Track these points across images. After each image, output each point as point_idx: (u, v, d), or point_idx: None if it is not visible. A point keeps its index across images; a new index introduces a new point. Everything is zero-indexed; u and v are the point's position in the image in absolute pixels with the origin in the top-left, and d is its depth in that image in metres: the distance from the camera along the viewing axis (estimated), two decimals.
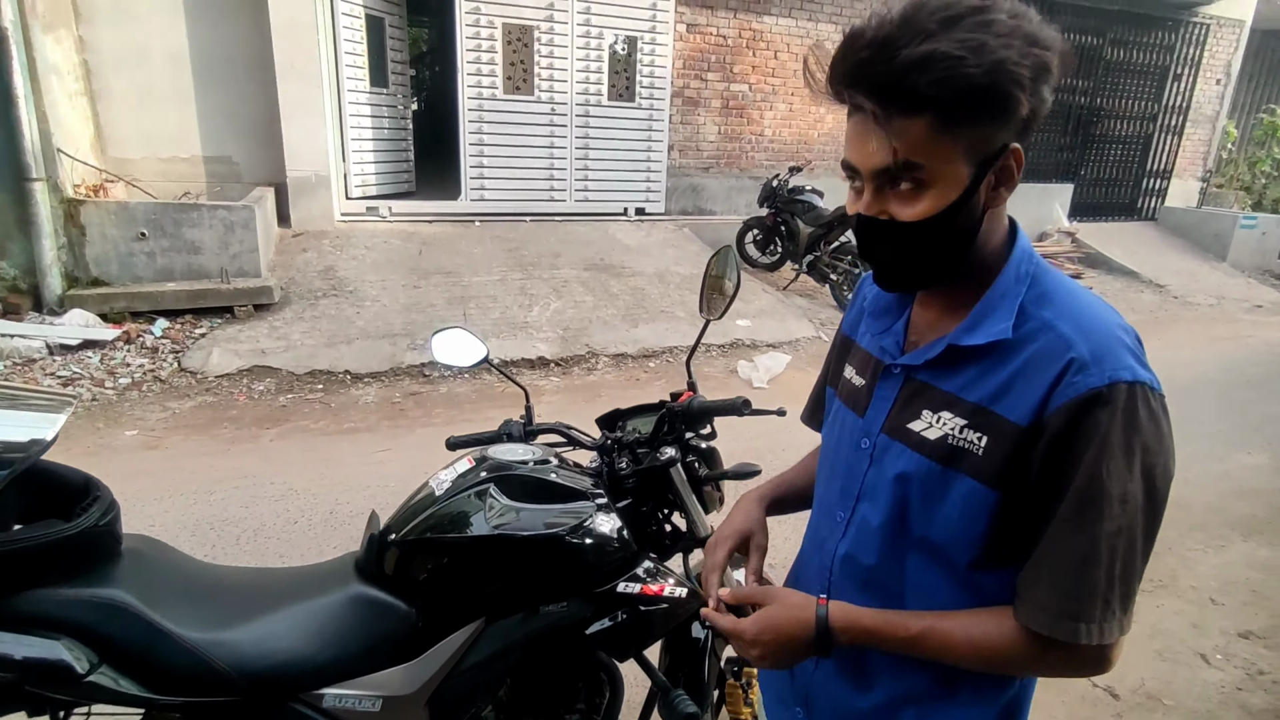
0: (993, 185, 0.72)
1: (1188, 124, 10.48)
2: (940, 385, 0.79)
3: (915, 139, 0.67)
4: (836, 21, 7.76)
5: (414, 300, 5.29)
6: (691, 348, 1.50)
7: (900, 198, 0.72)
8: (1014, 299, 0.76)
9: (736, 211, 7.85)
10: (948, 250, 0.75)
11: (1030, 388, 0.72)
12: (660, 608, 1.34)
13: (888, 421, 0.84)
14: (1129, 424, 0.68)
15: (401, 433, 3.83)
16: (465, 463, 1.34)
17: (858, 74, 0.67)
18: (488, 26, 6.40)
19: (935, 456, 0.77)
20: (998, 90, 0.65)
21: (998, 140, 0.69)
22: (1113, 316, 0.75)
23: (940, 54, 0.63)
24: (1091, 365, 0.69)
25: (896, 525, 0.82)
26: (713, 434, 1.44)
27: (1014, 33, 0.64)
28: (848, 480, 0.88)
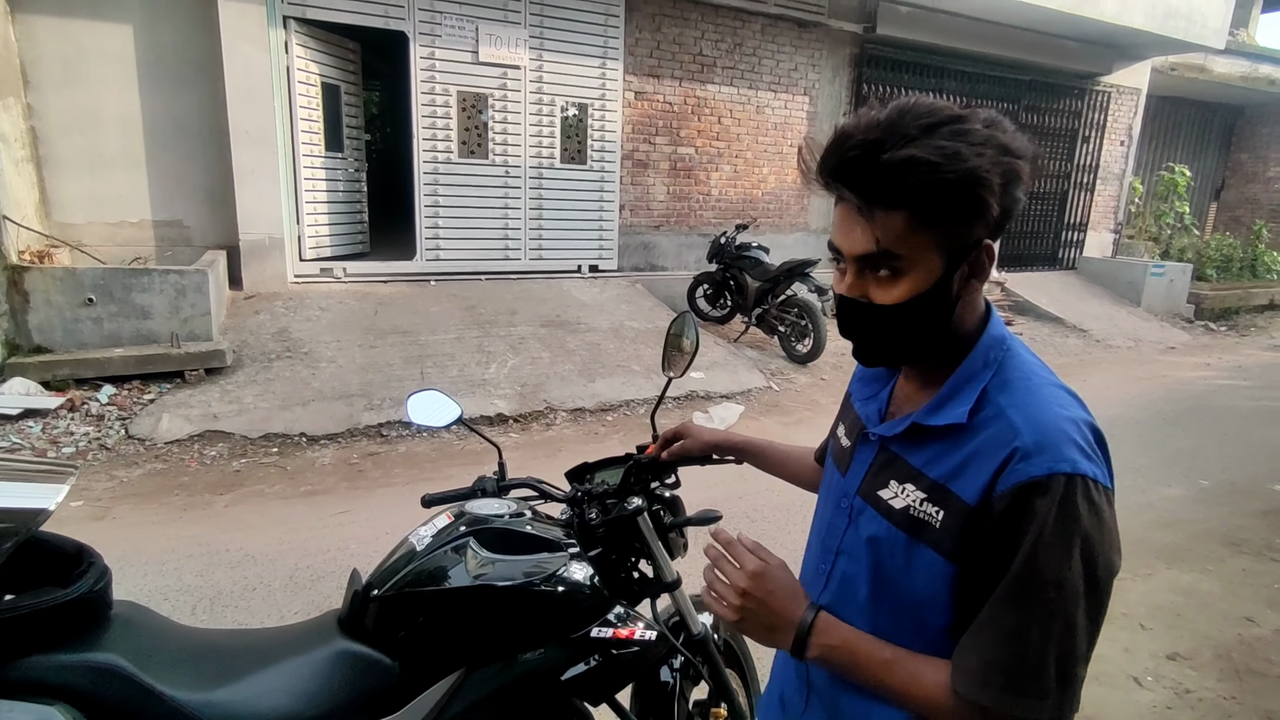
0: (965, 276, 0.79)
1: (1098, 181, 11.37)
2: (908, 458, 0.84)
3: (894, 231, 0.74)
4: (774, 90, 8.26)
5: (370, 360, 5.30)
6: (655, 403, 1.62)
7: (878, 283, 0.79)
8: (978, 384, 0.81)
9: (687, 267, 8.13)
10: (920, 333, 0.81)
11: (980, 471, 0.76)
12: (632, 650, 1.42)
13: (863, 485, 0.89)
14: (1067, 514, 0.71)
15: (361, 494, 3.81)
16: (444, 518, 1.42)
17: (846, 170, 0.75)
18: (442, 94, 6.62)
19: (901, 526, 0.82)
20: (969, 194, 0.72)
21: (971, 236, 0.76)
22: (1066, 410, 0.77)
23: (919, 160, 0.70)
24: (1034, 455, 0.73)
25: (873, 584, 0.86)
26: (677, 483, 1.55)
27: (988, 142, 0.72)
28: (828, 536, 0.94)
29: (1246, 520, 3.98)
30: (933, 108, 0.75)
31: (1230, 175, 16.31)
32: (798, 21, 8.17)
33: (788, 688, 1.03)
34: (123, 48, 5.73)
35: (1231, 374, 7.69)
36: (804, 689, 0.98)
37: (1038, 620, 0.72)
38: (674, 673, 1.66)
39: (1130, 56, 10.55)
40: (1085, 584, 0.72)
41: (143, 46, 5.78)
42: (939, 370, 0.85)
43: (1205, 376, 7.50)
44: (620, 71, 7.34)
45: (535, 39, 6.88)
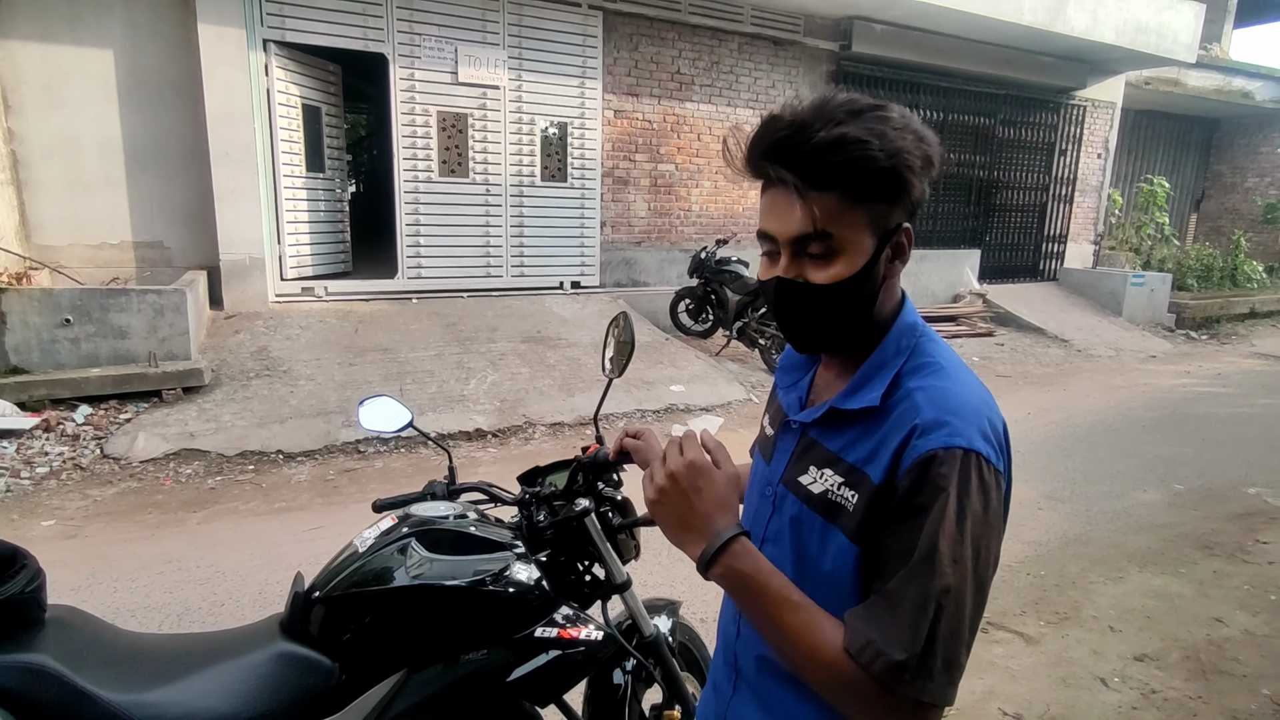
0: (889, 258, 0.82)
1: (1076, 193, 11.52)
2: (826, 444, 0.86)
3: (828, 210, 0.76)
4: (753, 106, 8.37)
5: (349, 378, 5.30)
6: (598, 404, 1.64)
7: (814, 263, 0.80)
8: (890, 370, 0.83)
9: (668, 282, 8.18)
10: (852, 314, 0.83)
11: (887, 450, 0.78)
12: (579, 651, 1.43)
13: (786, 473, 0.90)
14: (961, 489, 0.73)
15: (335, 509, 3.80)
16: (389, 521, 1.43)
17: (778, 151, 0.76)
18: (423, 115, 6.69)
19: (819, 509, 0.83)
20: (896, 173, 0.75)
21: (894, 218, 0.79)
22: (971, 394, 0.79)
23: (850, 137, 0.73)
24: (931, 430, 0.75)
25: (796, 570, 0.85)
26: (619, 483, 1.56)
27: (906, 128, 0.76)
28: (754, 525, 0.93)
29: (1220, 524, 4.01)
30: (853, 97, 0.78)
31: (1210, 186, 16.57)
32: (774, 40, 8.30)
33: (718, 674, 1.03)
34: (103, 71, 5.78)
35: (1211, 381, 7.77)
36: (732, 675, 0.98)
37: (935, 595, 0.72)
38: (626, 675, 1.66)
39: (1104, 71, 10.75)
40: (971, 563, 0.73)
41: (123, 70, 5.83)
42: (856, 357, 0.87)
43: (1185, 384, 7.57)
44: (599, 90, 7.43)
45: (514, 59, 6.97)
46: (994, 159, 10.57)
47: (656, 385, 5.91)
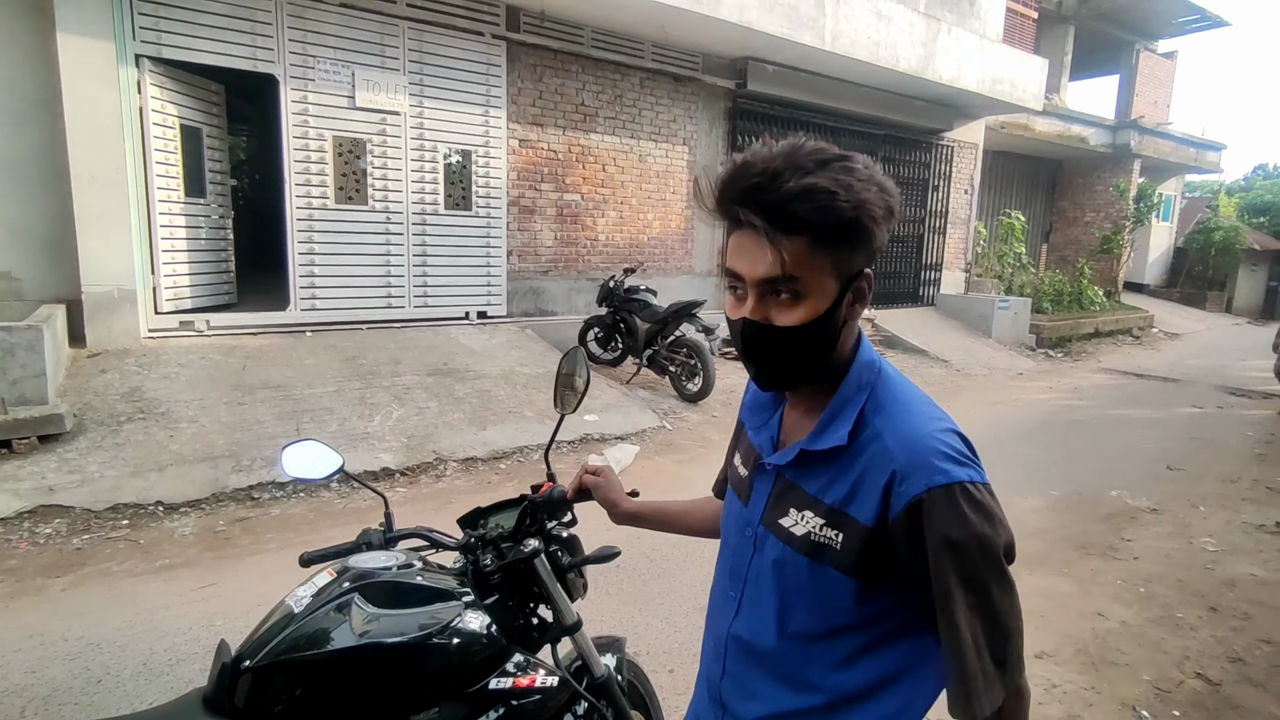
0: (851, 302, 0.85)
1: (948, 225, 12.53)
2: (803, 486, 0.89)
3: (795, 255, 0.79)
4: (655, 140, 8.59)
5: (238, 418, 4.91)
6: (549, 442, 1.59)
7: (779, 306, 0.83)
8: (854, 407, 0.87)
9: (576, 311, 8.17)
10: (814, 354, 0.86)
11: (869, 495, 0.83)
12: (533, 700, 1.36)
13: (765, 515, 0.93)
14: (953, 520, 0.78)
15: (228, 564, 3.48)
16: (325, 576, 1.32)
17: (749, 196, 0.80)
18: (317, 139, 6.40)
19: (803, 551, 0.87)
20: (860, 223, 0.79)
21: (855, 264, 0.83)
22: (931, 425, 0.84)
23: (819, 187, 0.77)
24: (910, 476, 0.80)
25: (780, 603, 0.91)
26: (573, 520, 1.52)
27: (870, 180, 0.80)
28: (735, 564, 0.98)
29: (1092, 525, 4.40)
30: (821, 147, 0.82)
31: (1056, 219, 18.50)
32: (674, 76, 8.58)
33: (702, 711, 1.06)
34: None
35: (1070, 395, 8.58)
36: (718, 711, 1.00)
37: (965, 624, 0.79)
38: None
39: (967, 115, 11.83)
40: (992, 573, 0.80)
41: None
42: (821, 395, 0.91)
43: (1049, 399, 8.32)
44: (504, 119, 7.39)
45: (415, 85, 6.82)
46: None
47: (575, 414, 5.83)
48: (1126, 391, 8.96)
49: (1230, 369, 10.52)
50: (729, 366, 8.17)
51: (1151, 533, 4.30)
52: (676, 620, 3.04)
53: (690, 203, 9.10)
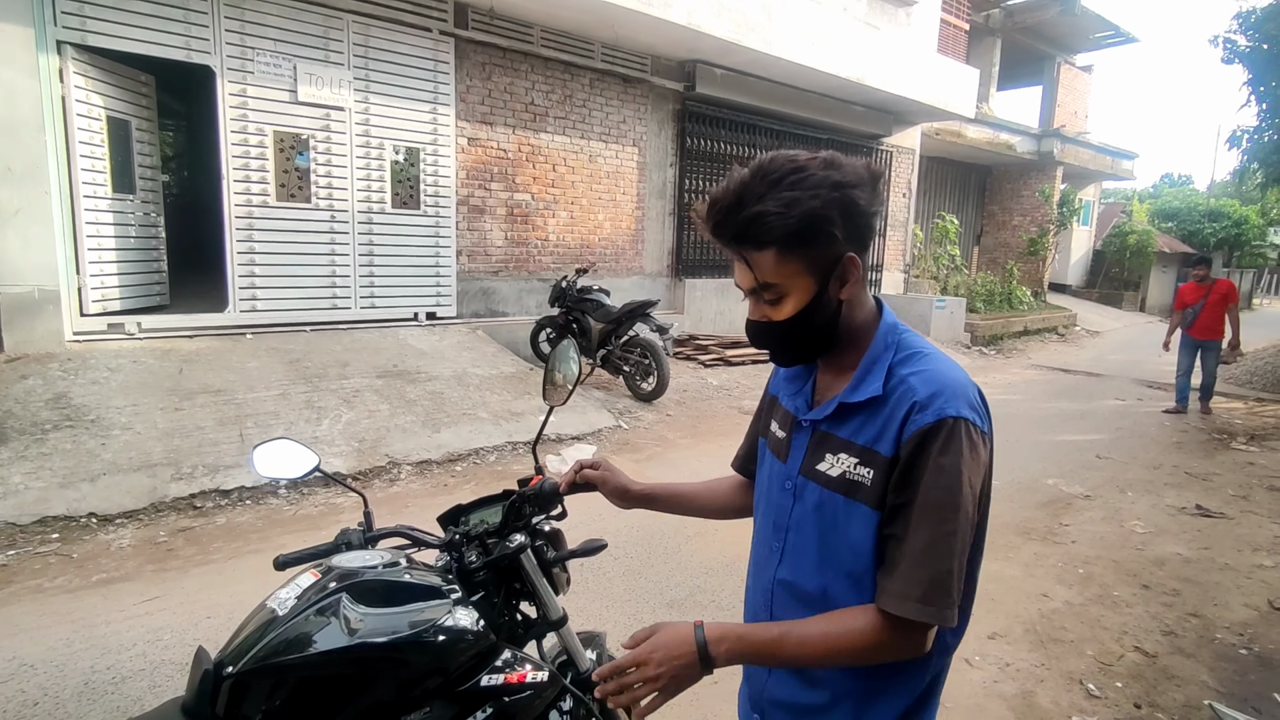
0: (839, 286, 0.97)
1: (888, 228, 12.94)
2: (838, 434, 1.01)
3: (767, 266, 0.94)
4: (605, 140, 8.59)
5: (176, 424, 4.69)
6: (536, 434, 1.58)
7: (770, 306, 0.99)
8: (884, 364, 0.99)
9: (528, 312, 8.10)
10: (815, 334, 1.00)
11: (893, 430, 0.94)
12: (524, 695, 1.35)
13: (803, 465, 1.05)
14: (953, 449, 0.89)
15: (172, 576, 3.32)
16: (308, 576, 1.27)
17: (718, 229, 0.96)
18: (256, 134, 6.16)
19: (839, 489, 0.99)
20: (811, 230, 0.91)
21: (831, 255, 0.94)
22: (954, 374, 0.96)
23: (766, 212, 0.90)
24: (927, 406, 0.92)
25: (820, 550, 1.02)
26: (563, 514, 1.52)
27: (822, 184, 0.90)
28: (778, 516, 1.09)
29: (1032, 512, 4.62)
30: (777, 164, 0.93)
31: (986, 223, 19.32)
32: (623, 77, 8.60)
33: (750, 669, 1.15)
34: None
35: (1004, 390, 8.97)
36: None
37: (938, 540, 0.89)
38: (563, 716, 1.59)
39: (905, 121, 12.24)
40: (960, 507, 0.89)
41: None
42: (848, 358, 1.03)
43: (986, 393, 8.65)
44: (452, 117, 7.27)
45: (360, 80, 6.64)
46: None
47: (525, 416, 5.79)
48: (1056, 386, 9.42)
49: (1146, 364, 11.18)
50: (682, 365, 8.23)
51: (1086, 518, 4.54)
52: (644, 617, 3.04)
53: (641, 203, 9.14)
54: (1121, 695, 2.63)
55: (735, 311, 10.03)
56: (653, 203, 9.29)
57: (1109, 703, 2.58)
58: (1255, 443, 6.68)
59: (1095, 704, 2.57)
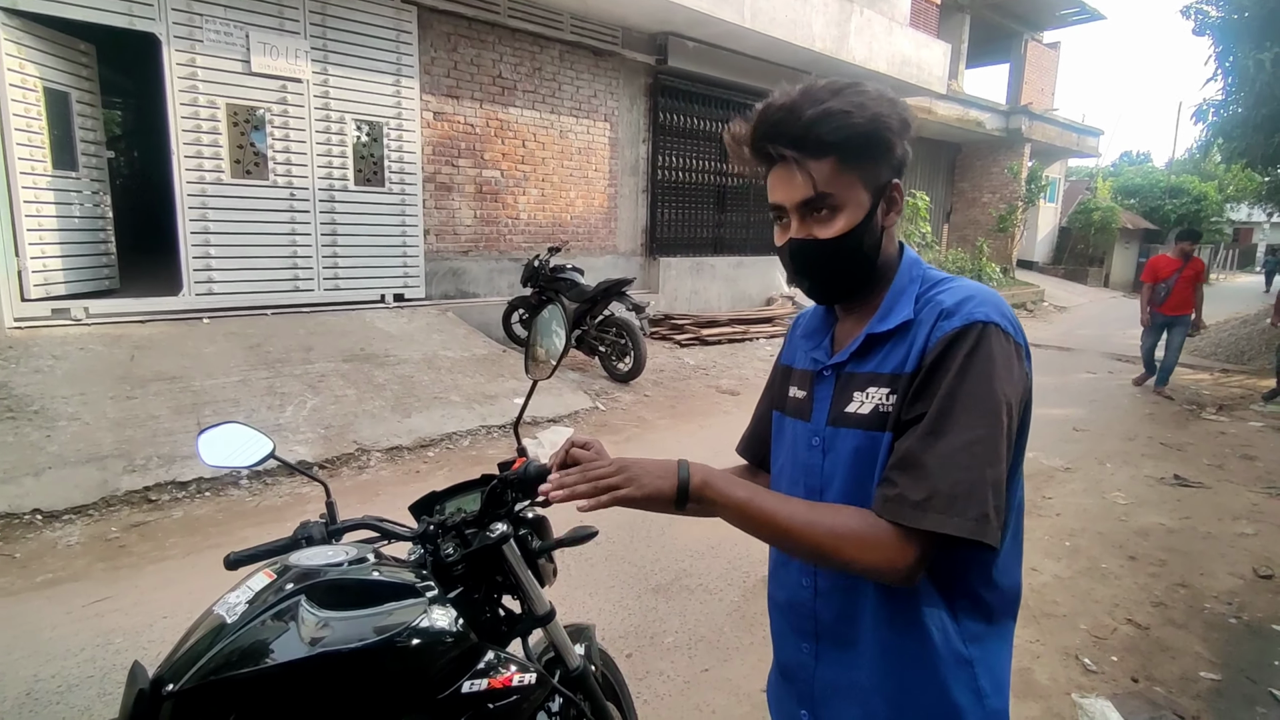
0: (885, 211, 0.94)
1: None
2: (862, 369, 0.95)
3: (826, 175, 0.89)
4: (576, 115, 8.36)
5: (128, 414, 4.43)
6: (519, 413, 1.43)
7: (820, 222, 0.92)
8: (911, 293, 0.95)
9: (499, 293, 7.89)
10: (858, 262, 0.94)
11: (918, 344, 0.89)
12: (510, 700, 1.22)
13: (830, 416, 0.98)
14: (982, 353, 0.84)
15: (124, 575, 3.12)
16: (261, 577, 1.12)
17: (776, 130, 0.89)
18: (208, 107, 5.82)
19: (872, 426, 0.92)
20: (878, 135, 0.88)
21: (884, 176, 0.92)
22: (987, 292, 0.91)
23: (835, 110, 0.87)
24: (954, 313, 0.87)
25: (859, 496, 0.92)
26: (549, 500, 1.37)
27: (880, 98, 0.90)
28: (808, 478, 1.01)
29: None
30: (833, 80, 0.91)
31: (956, 200, 19.43)
32: (594, 50, 8.35)
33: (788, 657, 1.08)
34: None
35: None
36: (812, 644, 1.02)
37: (970, 445, 0.80)
38: (552, 717, 1.46)
39: None
40: (1006, 419, 0.83)
41: None
42: (872, 300, 0.98)
43: None
44: (416, 90, 6.98)
45: (318, 51, 6.32)
46: None
47: (499, 399, 5.62)
48: None
49: (1114, 338, 11.35)
50: (657, 346, 8.10)
51: (1068, 490, 4.53)
52: (629, 603, 2.93)
53: (613, 180, 8.94)
54: (1118, 669, 2.59)
55: (709, 291, 9.92)
56: (625, 180, 9.10)
57: (1106, 677, 2.54)
58: (1224, 413, 6.78)
59: (1093, 679, 2.52)
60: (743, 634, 2.76)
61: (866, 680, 0.95)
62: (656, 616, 2.84)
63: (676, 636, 2.71)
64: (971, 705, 0.92)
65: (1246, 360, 9.89)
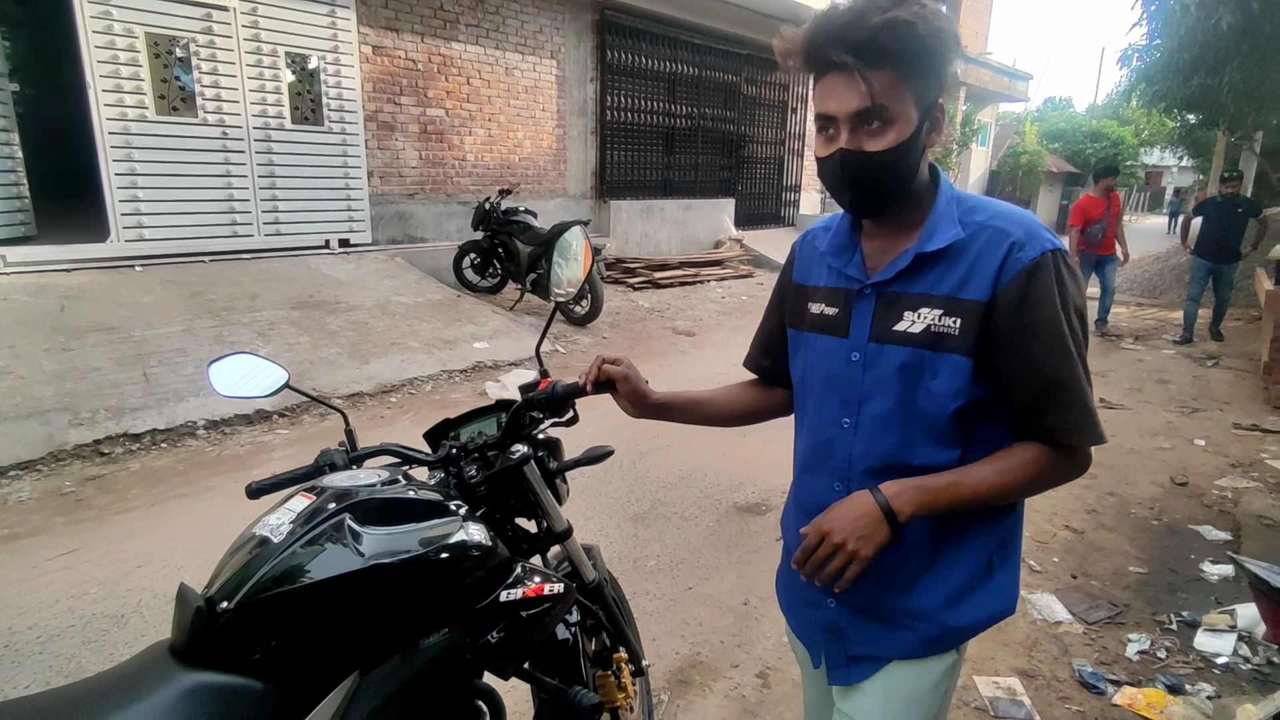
0: (929, 130, 0.94)
1: (805, 148, 12.97)
2: (912, 290, 0.98)
3: (883, 86, 0.88)
4: (522, 51, 8.07)
5: (67, 366, 4.21)
6: (541, 335, 1.46)
7: (870, 134, 0.91)
8: (952, 214, 0.98)
9: (448, 237, 7.70)
10: (902, 177, 0.95)
11: (985, 271, 0.93)
12: (543, 608, 1.29)
13: (873, 332, 1.01)
14: (1060, 280, 0.92)
15: (88, 527, 3.03)
16: (301, 500, 1.13)
17: (839, 36, 0.88)
18: (125, 36, 5.37)
19: (924, 345, 0.96)
20: (937, 50, 0.89)
21: (933, 94, 0.92)
22: (1030, 215, 0.97)
23: (900, 20, 0.86)
24: (1027, 244, 0.92)
25: (901, 409, 0.99)
26: (575, 418, 1.42)
27: (939, 14, 0.89)
28: (845, 391, 1.04)
29: None
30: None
31: None
32: None
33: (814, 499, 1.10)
34: None
35: None
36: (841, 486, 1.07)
37: (1080, 367, 0.93)
38: (571, 629, 1.54)
39: None
40: (1084, 334, 0.94)
41: None
42: (905, 219, 1.00)
43: None
44: (353, 22, 6.59)
45: None
46: (742, 115, 11.45)
47: (459, 344, 5.57)
48: None
49: None
50: (611, 289, 8.10)
51: None
52: (611, 532, 3.03)
53: (562, 121, 8.73)
54: (1059, 568, 2.85)
55: (660, 234, 9.91)
56: (574, 120, 8.89)
57: (1050, 575, 2.80)
58: (1140, 342, 7.29)
59: (1038, 578, 2.77)
60: (720, 555, 2.90)
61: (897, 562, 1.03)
62: (638, 543, 2.96)
63: (659, 560, 2.84)
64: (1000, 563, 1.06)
65: (1158, 295, 10.58)
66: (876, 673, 1.07)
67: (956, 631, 1.04)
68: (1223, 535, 3.15)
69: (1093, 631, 2.46)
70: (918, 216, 0.99)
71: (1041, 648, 2.36)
